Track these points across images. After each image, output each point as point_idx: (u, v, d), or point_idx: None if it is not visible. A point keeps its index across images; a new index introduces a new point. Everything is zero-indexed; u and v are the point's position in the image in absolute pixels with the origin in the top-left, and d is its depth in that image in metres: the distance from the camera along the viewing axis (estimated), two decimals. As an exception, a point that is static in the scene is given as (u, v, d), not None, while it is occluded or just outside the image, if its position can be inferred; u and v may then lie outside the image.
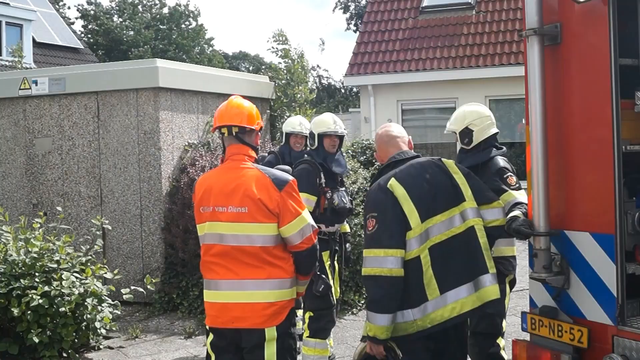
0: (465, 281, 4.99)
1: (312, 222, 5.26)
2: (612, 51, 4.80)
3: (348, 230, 8.55)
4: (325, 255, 7.73)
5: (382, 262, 4.88)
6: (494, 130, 6.81)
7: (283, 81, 15.03)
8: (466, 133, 6.73)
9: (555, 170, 5.21)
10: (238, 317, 5.04)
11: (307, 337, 7.74)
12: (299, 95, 15.18)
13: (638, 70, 5.20)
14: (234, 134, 5.27)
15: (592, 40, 4.99)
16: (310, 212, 6.41)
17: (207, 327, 5.29)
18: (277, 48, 15.99)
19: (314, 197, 7.61)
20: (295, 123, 8.88)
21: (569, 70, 5.19)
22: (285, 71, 15.48)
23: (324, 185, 7.70)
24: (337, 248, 7.96)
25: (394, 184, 5.02)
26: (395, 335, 4.97)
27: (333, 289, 7.83)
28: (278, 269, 5.10)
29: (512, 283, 6.81)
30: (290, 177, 5.22)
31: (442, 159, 5.29)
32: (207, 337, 5.34)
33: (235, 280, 5.06)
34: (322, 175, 7.70)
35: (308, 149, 8.19)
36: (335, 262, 8.00)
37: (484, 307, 5.08)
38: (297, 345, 5.35)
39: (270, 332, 5.04)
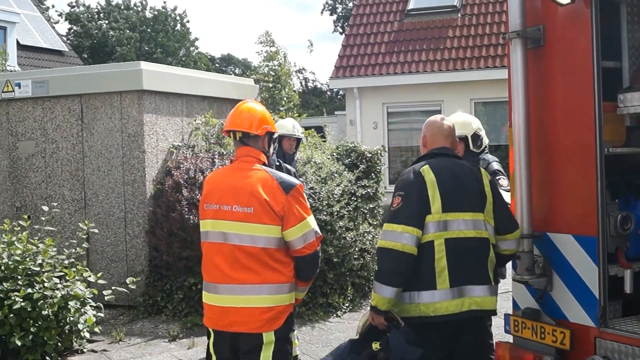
0: (475, 282, 5.10)
1: (317, 228, 5.22)
2: (594, 54, 4.82)
3: None
4: None
5: (397, 237, 5.05)
6: None
7: (270, 84, 15.07)
8: (477, 137, 7.05)
9: (538, 173, 5.23)
10: (237, 321, 5.05)
11: None
12: (285, 99, 15.21)
13: (620, 72, 5.22)
14: (237, 138, 5.32)
15: (574, 43, 5.01)
16: None
17: (208, 328, 5.30)
18: (262, 50, 16.04)
19: None
20: (288, 126, 8.90)
21: (552, 73, 5.21)
22: (272, 74, 15.52)
23: None
24: None
25: (426, 170, 5.23)
26: (401, 316, 5.15)
27: None
28: (277, 273, 5.08)
29: None
30: (298, 182, 5.23)
31: (482, 169, 5.47)
32: (208, 338, 5.37)
33: (234, 285, 5.05)
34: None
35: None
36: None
37: (483, 314, 5.19)
38: (293, 350, 5.47)
39: (268, 337, 5.04)
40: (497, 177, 6.72)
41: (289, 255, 5.15)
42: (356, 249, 11.13)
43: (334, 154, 12.31)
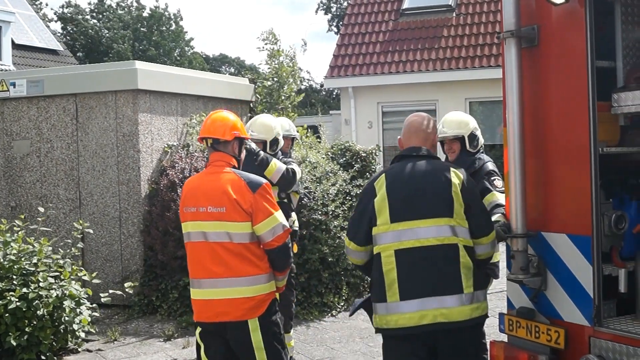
0: (439, 293, 4.89)
1: (285, 222, 5.67)
2: (588, 53, 4.83)
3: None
4: None
5: (347, 250, 5.35)
6: None
7: (269, 83, 15.04)
8: (473, 137, 7.01)
9: (532, 172, 5.23)
10: (221, 312, 5.53)
11: None
12: (283, 98, 15.20)
13: (615, 72, 5.23)
14: (209, 144, 5.80)
15: (569, 43, 5.01)
16: None
17: (195, 321, 5.79)
18: (264, 47, 16.04)
19: None
20: (286, 125, 8.92)
21: (546, 72, 5.21)
22: (274, 72, 15.51)
23: None
24: None
25: (381, 179, 5.17)
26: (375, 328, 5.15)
27: None
28: (253, 266, 5.54)
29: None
30: (264, 181, 5.71)
31: (454, 170, 5.17)
32: (195, 329, 5.86)
33: (215, 279, 5.53)
34: None
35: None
36: None
37: (452, 326, 4.89)
38: (281, 331, 5.74)
39: (253, 323, 5.51)
40: (492, 178, 6.72)
41: (261, 249, 5.62)
42: (351, 248, 11.12)
43: (329, 153, 12.31)
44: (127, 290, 9.40)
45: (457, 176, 5.10)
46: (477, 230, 5.08)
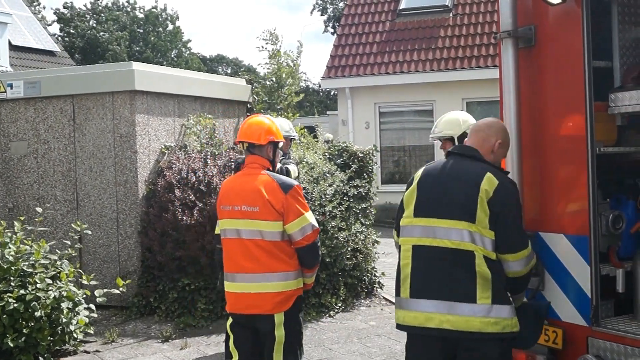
0: (437, 297, 4.69)
1: (314, 222, 5.98)
2: (585, 53, 4.83)
3: None
4: None
5: (395, 242, 5.23)
6: None
7: (268, 82, 15.05)
8: (464, 137, 6.73)
9: (529, 172, 5.24)
10: (251, 305, 5.89)
11: None
12: (282, 98, 15.21)
13: (612, 72, 5.24)
14: (245, 147, 6.13)
15: (566, 43, 5.02)
16: None
17: (227, 312, 6.15)
18: (264, 47, 16.05)
19: None
20: (285, 126, 8.92)
21: (543, 73, 5.22)
22: (273, 72, 15.51)
23: None
24: None
25: (419, 172, 5.12)
26: None
27: None
28: (283, 262, 5.86)
29: None
30: (296, 183, 6.04)
31: (491, 176, 4.73)
32: (226, 321, 6.22)
33: (246, 274, 5.88)
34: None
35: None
36: None
37: (459, 335, 4.64)
38: (302, 329, 6.14)
39: (279, 317, 5.85)
40: None
41: (291, 247, 5.92)
42: (348, 249, 11.13)
43: (326, 153, 12.31)
44: (121, 288, 9.38)
45: (489, 183, 4.70)
46: (502, 245, 4.70)
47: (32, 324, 8.55)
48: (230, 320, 6.12)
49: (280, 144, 6.30)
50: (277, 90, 15.39)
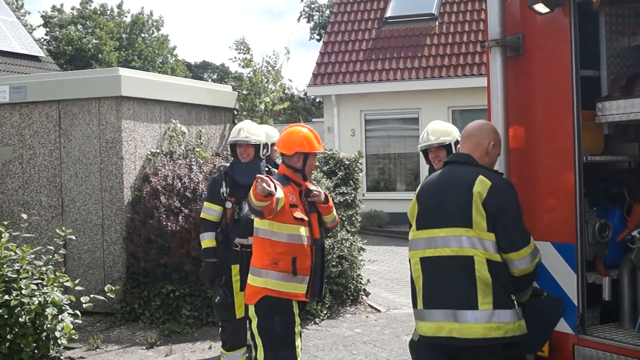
0: (444, 306, 4.73)
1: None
2: (573, 62, 4.86)
3: None
4: (235, 268, 7.74)
5: None
6: None
7: (244, 91, 15.04)
8: (457, 144, 6.76)
9: (516, 180, 5.25)
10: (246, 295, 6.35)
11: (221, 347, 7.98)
12: (260, 106, 15.18)
13: (599, 81, 5.27)
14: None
15: (553, 52, 5.04)
16: (216, 222, 7.76)
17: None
18: (237, 57, 16.03)
19: (216, 207, 7.79)
20: (271, 133, 8.87)
21: (531, 81, 5.24)
22: (247, 81, 15.49)
23: (225, 196, 7.76)
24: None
25: (420, 187, 5.18)
26: None
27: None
28: (257, 257, 6.18)
29: None
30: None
31: (483, 178, 4.76)
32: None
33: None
34: (224, 185, 7.77)
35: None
36: None
37: (464, 343, 4.64)
38: (278, 332, 6.10)
39: (250, 309, 6.18)
40: None
41: (271, 246, 6.11)
42: (334, 256, 11.13)
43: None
44: (108, 294, 9.35)
45: (482, 185, 4.73)
46: (504, 245, 4.68)
47: (17, 330, 8.49)
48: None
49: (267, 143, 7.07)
50: (255, 97, 15.36)
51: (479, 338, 4.58)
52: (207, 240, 7.73)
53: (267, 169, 7.98)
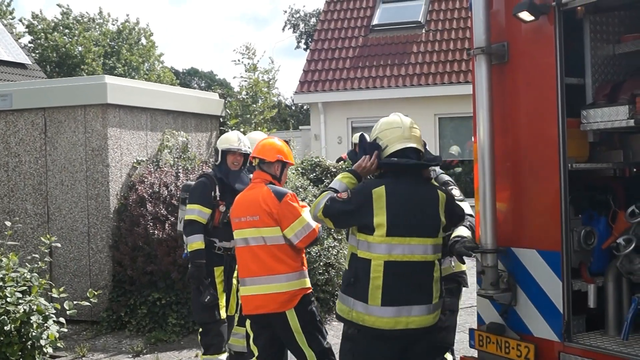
0: (415, 303, 5.14)
1: (312, 222, 6.39)
2: (558, 70, 4.87)
3: None
4: (218, 270, 7.98)
5: (315, 216, 5.48)
6: None
7: (244, 96, 15.06)
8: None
9: (502, 188, 5.26)
10: (259, 305, 6.45)
11: (202, 354, 7.94)
12: (257, 112, 15.21)
13: (584, 89, 5.28)
14: (256, 163, 6.77)
15: (538, 59, 5.05)
16: (204, 224, 7.84)
17: (244, 314, 6.81)
18: (241, 61, 16.06)
19: (207, 210, 7.92)
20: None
21: (516, 89, 5.25)
22: (249, 86, 15.51)
23: (218, 199, 7.95)
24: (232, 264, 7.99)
25: (379, 191, 5.18)
26: (339, 315, 5.45)
27: (228, 304, 8.11)
28: (285, 265, 6.42)
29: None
30: (289, 191, 6.62)
31: (439, 191, 5.41)
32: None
33: (254, 277, 6.47)
34: (217, 189, 7.97)
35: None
36: (234, 279, 8.05)
37: (420, 332, 5.20)
38: (317, 318, 6.60)
39: (290, 313, 6.39)
40: (449, 187, 6.65)
41: (294, 249, 6.47)
42: (321, 263, 11.12)
43: (299, 168, 12.30)
44: (91, 299, 9.30)
45: (442, 196, 5.36)
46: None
47: (2, 338, 8.45)
48: (248, 321, 6.70)
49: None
50: (252, 104, 15.40)
51: (430, 326, 5.25)
52: (199, 242, 7.81)
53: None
